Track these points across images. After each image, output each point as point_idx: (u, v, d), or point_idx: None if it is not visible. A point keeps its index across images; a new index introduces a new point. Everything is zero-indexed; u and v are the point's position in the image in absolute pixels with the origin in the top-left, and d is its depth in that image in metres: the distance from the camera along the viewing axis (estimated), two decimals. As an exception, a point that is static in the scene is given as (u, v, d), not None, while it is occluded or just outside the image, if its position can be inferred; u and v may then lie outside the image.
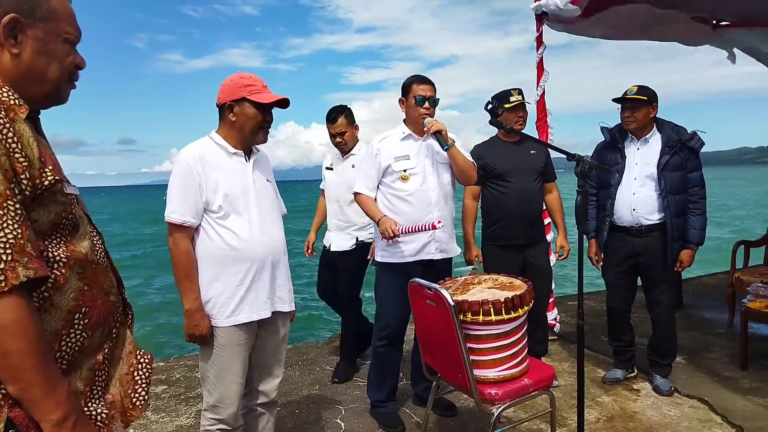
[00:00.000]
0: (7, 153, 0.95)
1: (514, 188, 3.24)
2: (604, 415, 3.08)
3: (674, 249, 3.20)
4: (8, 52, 1.05)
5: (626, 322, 3.49)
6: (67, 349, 1.06)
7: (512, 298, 2.19)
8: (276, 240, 2.18)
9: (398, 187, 2.84)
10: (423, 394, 3.14)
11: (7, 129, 0.96)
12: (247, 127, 2.08)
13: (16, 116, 1.00)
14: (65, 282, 1.05)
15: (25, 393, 0.95)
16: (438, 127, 2.70)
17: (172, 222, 2.02)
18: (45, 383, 0.96)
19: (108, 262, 1.23)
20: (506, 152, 3.30)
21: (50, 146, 1.11)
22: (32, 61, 1.07)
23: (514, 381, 2.28)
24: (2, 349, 0.91)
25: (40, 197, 1.01)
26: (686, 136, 3.19)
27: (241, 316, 2.08)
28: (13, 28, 1.04)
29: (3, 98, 1.01)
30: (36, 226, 1.00)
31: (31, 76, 1.08)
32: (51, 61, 1.10)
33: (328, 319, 10.45)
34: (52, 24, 1.09)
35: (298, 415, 3.21)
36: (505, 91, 3.29)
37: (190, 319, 2.03)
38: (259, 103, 2.05)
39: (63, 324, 1.05)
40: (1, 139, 0.94)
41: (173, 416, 3.21)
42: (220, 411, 2.10)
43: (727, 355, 3.89)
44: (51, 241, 1.04)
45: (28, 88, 1.08)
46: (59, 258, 1.04)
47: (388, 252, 2.88)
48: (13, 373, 0.93)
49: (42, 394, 0.95)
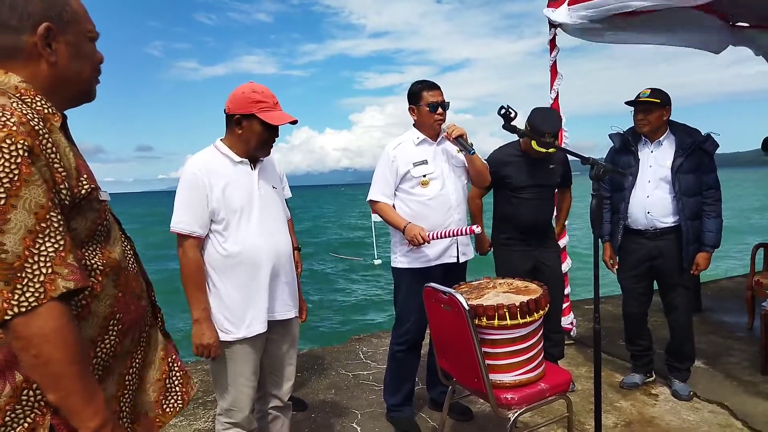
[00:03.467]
0: (48, 164, 0.96)
1: (526, 201, 3.22)
2: (622, 420, 3.05)
3: (690, 252, 3.17)
4: (46, 62, 1.06)
5: (643, 327, 3.46)
6: (102, 355, 1.08)
7: (527, 302, 2.19)
8: (282, 246, 2.19)
9: (418, 192, 2.85)
10: (439, 399, 3.14)
11: (46, 140, 0.97)
12: (253, 142, 2.08)
13: (51, 126, 1.02)
14: (102, 289, 1.07)
15: (64, 401, 0.96)
16: (459, 131, 2.71)
17: (179, 232, 2.03)
18: (84, 391, 0.97)
19: (138, 266, 1.25)
20: (526, 167, 3.21)
21: (81, 153, 1.12)
22: (68, 65, 1.09)
23: (531, 385, 2.27)
24: (43, 357, 0.93)
25: (77, 206, 1.03)
26: (700, 138, 3.16)
27: (254, 325, 2.09)
28: (48, 36, 1.05)
29: (39, 108, 1.02)
30: (75, 235, 1.02)
31: (69, 80, 1.10)
32: (84, 62, 1.13)
33: (339, 324, 10.48)
34: (78, 26, 1.11)
35: (314, 419, 3.22)
36: (540, 131, 2.98)
37: (198, 329, 2.04)
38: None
39: (98, 331, 1.07)
40: (42, 150, 0.96)
41: (191, 420, 3.25)
42: (234, 415, 2.12)
43: (747, 359, 3.83)
44: (87, 248, 1.06)
45: (65, 91, 1.10)
46: (96, 266, 1.06)
47: (410, 257, 2.89)
48: (54, 382, 0.95)
49: (81, 402, 0.97)
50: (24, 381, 0.98)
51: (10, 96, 0.99)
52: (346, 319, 10.86)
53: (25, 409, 0.98)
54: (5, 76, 1.03)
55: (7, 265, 0.89)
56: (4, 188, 0.89)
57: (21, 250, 0.90)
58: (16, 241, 0.90)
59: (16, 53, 1.04)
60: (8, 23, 1.03)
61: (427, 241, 2.68)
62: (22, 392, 0.98)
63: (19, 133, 0.92)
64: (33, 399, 0.99)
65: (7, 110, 0.93)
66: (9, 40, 1.03)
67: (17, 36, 1.03)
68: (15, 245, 0.90)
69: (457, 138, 2.72)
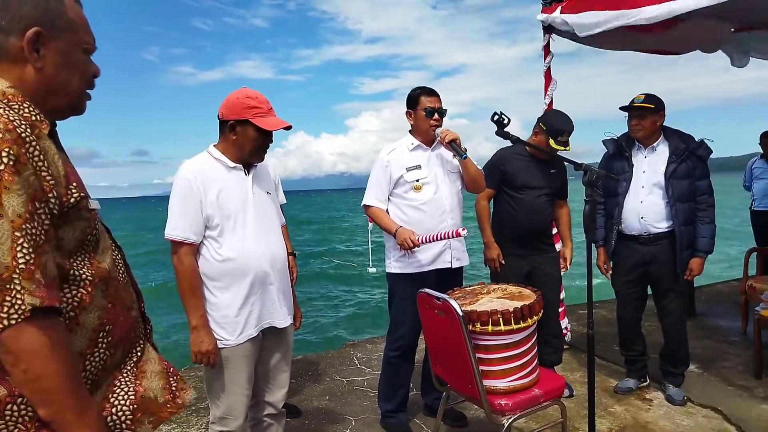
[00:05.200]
0: (36, 172, 0.94)
1: (525, 204, 3.23)
2: (616, 425, 3.05)
3: (683, 257, 3.18)
4: (32, 67, 1.04)
5: (637, 331, 3.47)
6: (92, 368, 1.05)
7: (521, 308, 2.19)
8: (276, 252, 2.18)
9: (411, 197, 2.85)
10: (433, 405, 3.13)
11: (34, 147, 0.95)
12: (247, 147, 2.08)
13: (39, 133, 0.99)
14: (91, 301, 1.04)
15: (57, 416, 0.94)
16: (452, 136, 2.73)
17: (173, 239, 2.02)
18: (77, 405, 0.95)
19: (128, 276, 1.23)
20: (529, 167, 3.25)
21: (70, 160, 1.10)
22: (55, 74, 1.06)
23: (525, 391, 2.27)
24: (34, 373, 0.90)
25: (65, 215, 1.00)
26: (693, 144, 3.18)
27: (249, 331, 2.09)
28: (36, 41, 1.03)
29: (26, 115, 1.00)
30: (62, 244, 0.99)
31: (55, 89, 1.07)
32: (73, 73, 1.09)
33: (337, 328, 10.45)
34: (72, 35, 1.08)
35: (308, 425, 3.21)
36: (558, 130, 3.11)
37: (197, 336, 2.03)
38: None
39: (87, 343, 1.04)
40: (30, 159, 0.93)
41: (184, 427, 3.23)
42: (228, 423, 2.11)
43: (741, 364, 3.84)
44: (76, 258, 1.03)
45: (51, 101, 1.07)
46: (85, 277, 1.03)
47: (403, 262, 2.89)
48: (45, 397, 0.93)
49: (74, 416, 0.95)
50: (8, 395, 0.95)
51: None
52: (340, 324, 10.84)
53: (9, 424, 0.96)
54: None
55: None
56: None
57: (9, 260, 0.88)
58: (4, 251, 0.88)
59: (1, 54, 1.02)
60: None
61: (416, 245, 2.68)
62: (6, 407, 0.95)
63: (5, 140, 0.90)
64: (17, 414, 0.96)
65: None
66: None
67: (4, 37, 1.01)
68: (3, 255, 0.88)
69: (450, 142, 2.74)
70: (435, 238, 2.70)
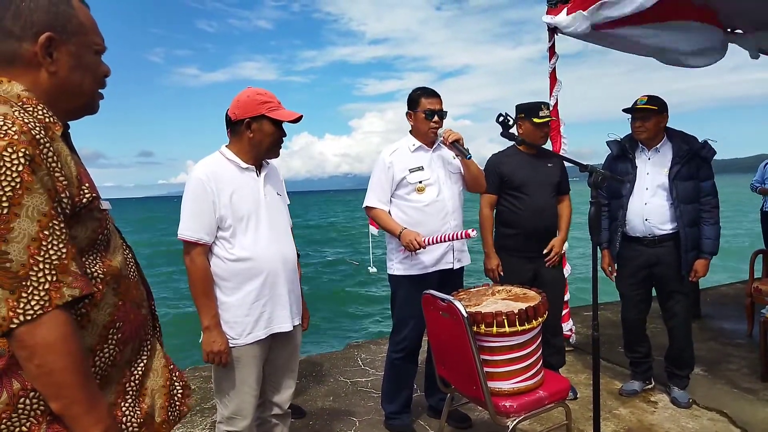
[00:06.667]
0: (49, 173, 0.97)
1: (529, 202, 3.22)
2: (621, 427, 3.04)
3: (688, 259, 3.17)
4: (46, 71, 1.07)
5: (642, 333, 3.46)
6: (101, 364, 1.08)
7: (526, 310, 2.19)
8: (287, 253, 2.19)
9: (414, 198, 2.85)
10: (438, 406, 3.13)
11: (47, 149, 0.98)
12: (265, 143, 2.10)
13: (53, 134, 1.02)
14: (102, 298, 1.07)
15: (67, 410, 0.96)
16: (455, 136, 2.73)
17: (186, 239, 2.03)
18: (87, 400, 0.97)
19: (138, 274, 1.25)
20: (524, 164, 3.27)
21: (82, 162, 1.12)
22: (69, 76, 1.09)
23: (529, 393, 2.27)
24: (48, 366, 0.93)
25: (78, 215, 1.03)
26: (697, 145, 3.17)
27: (259, 332, 2.10)
28: (49, 46, 1.06)
29: (40, 117, 1.02)
30: (75, 243, 1.02)
31: (68, 91, 1.10)
32: (85, 74, 1.12)
33: (340, 330, 10.45)
34: (82, 37, 1.11)
35: (312, 426, 3.21)
36: (535, 105, 3.23)
37: (209, 336, 2.04)
38: (278, 120, 2.08)
39: (97, 339, 1.06)
40: (44, 159, 0.96)
41: (189, 427, 3.24)
42: (236, 423, 2.12)
43: (746, 366, 3.82)
44: (88, 257, 1.06)
45: (65, 102, 1.10)
46: (97, 274, 1.06)
47: (407, 264, 2.89)
48: (57, 390, 0.95)
49: (84, 410, 0.97)
50: (21, 389, 0.98)
51: (12, 105, 0.99)
52: (344, 325, 10.86)
53: (21, 417, 0.98)
54: (8, 85, 1.03)
55: (12, 273, 0.90)
56: (6, 197, 0.89)
57: (26, 259, 0.90)
58: (20, 249, 0.90)
59: (16, 60, 1.05)
60: (11, 31, 1.03)
61: (423, 247, 2.68)
62: (19, 400, 0.98)
63: (21, 141, 0.92)
64: (29, 407, 0.98)
65: (9, 119, 0.94)
66: (9, 47, 1.04)
67: (18, 44, 1.04)
68: (19, 254, 0.90)
69: (453, 142, 2.74)
70: (442, 239, 2.70)
